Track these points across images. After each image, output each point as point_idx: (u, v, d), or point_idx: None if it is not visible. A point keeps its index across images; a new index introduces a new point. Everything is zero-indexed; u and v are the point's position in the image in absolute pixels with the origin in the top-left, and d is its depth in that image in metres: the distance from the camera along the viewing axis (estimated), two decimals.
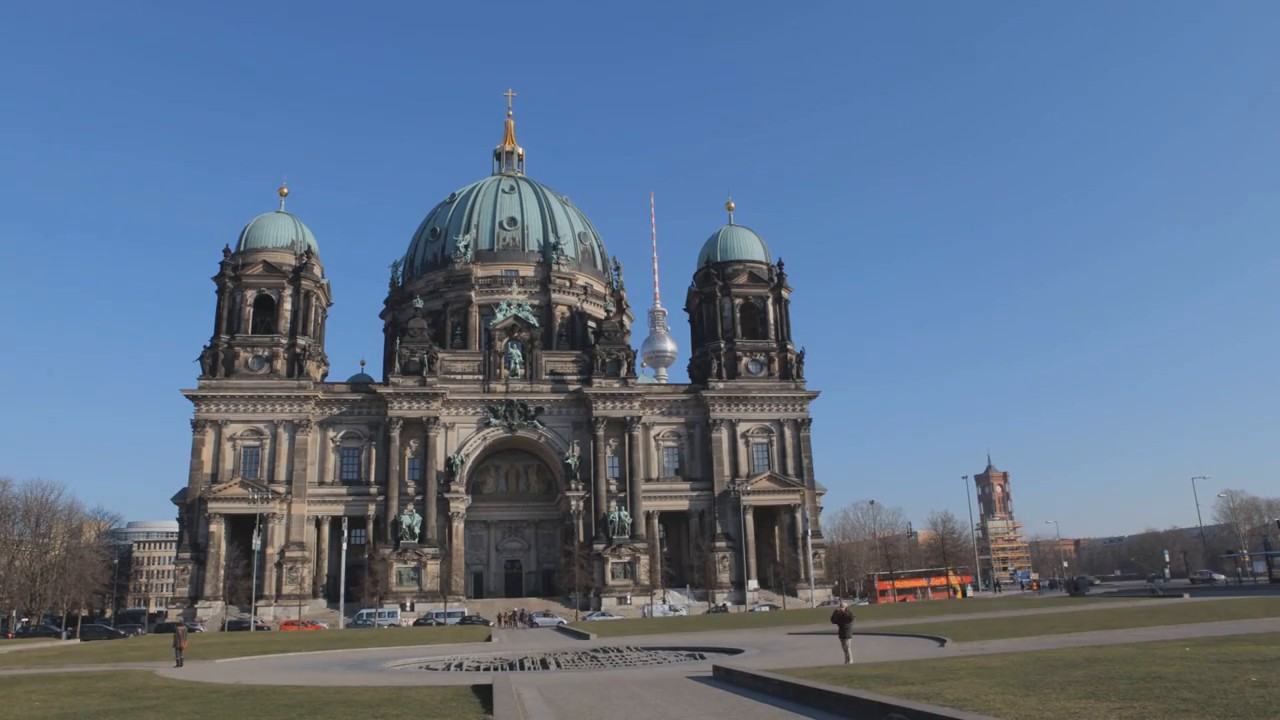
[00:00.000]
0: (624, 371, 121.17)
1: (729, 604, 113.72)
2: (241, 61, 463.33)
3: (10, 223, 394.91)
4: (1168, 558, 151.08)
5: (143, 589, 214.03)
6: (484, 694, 23.58)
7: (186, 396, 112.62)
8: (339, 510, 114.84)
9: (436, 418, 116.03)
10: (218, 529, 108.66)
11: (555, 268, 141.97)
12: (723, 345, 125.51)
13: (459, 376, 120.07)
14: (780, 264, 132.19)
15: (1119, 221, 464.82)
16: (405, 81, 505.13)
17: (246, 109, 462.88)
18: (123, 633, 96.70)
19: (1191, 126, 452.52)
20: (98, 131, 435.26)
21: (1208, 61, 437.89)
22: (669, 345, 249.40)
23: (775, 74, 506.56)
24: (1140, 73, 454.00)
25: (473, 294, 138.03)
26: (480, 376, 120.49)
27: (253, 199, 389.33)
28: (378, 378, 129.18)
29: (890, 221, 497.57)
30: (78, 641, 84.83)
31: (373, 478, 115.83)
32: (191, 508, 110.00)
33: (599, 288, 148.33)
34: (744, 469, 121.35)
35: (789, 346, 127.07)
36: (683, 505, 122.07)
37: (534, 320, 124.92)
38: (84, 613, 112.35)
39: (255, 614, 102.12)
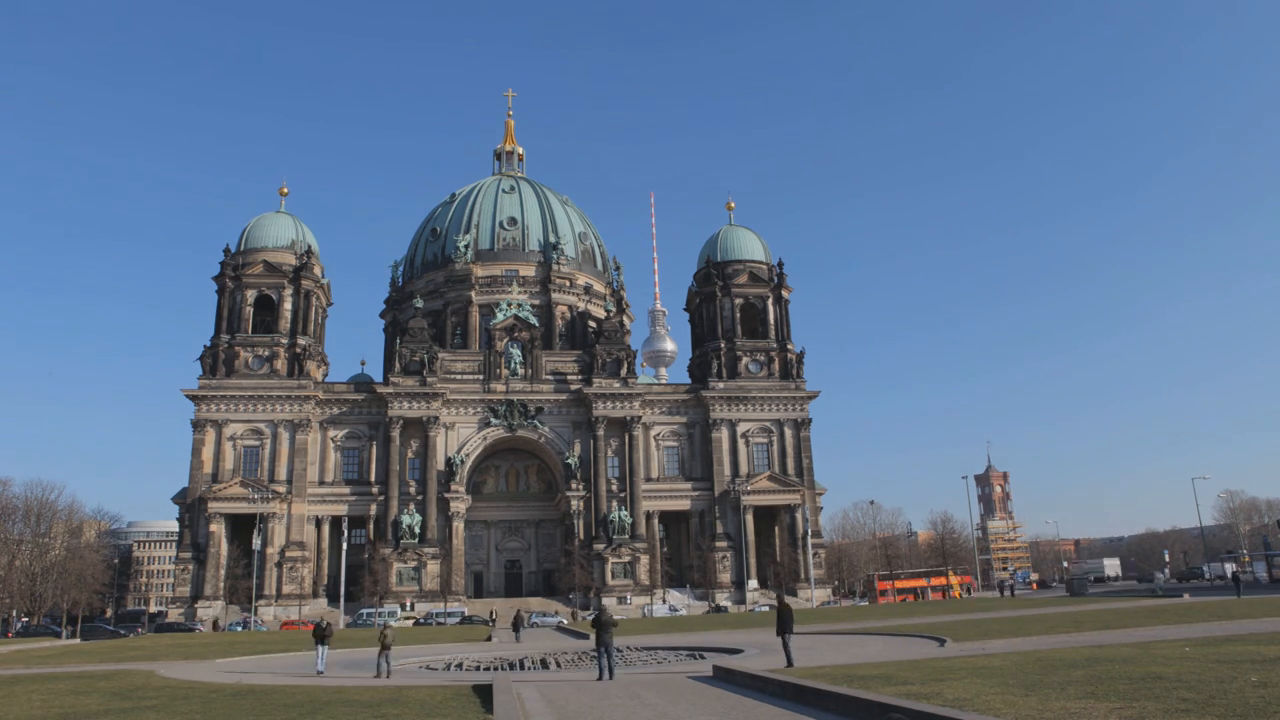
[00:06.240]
0: (624, 371, 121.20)
1: (729, 604, 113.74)
2: (241, 61, 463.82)
3: (10, 222, 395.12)
4: (1168, 557, 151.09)
5: (143, 589, 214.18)
6: (484, 694, 23.58)
7: (186, 396, 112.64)
8: (339, 510, 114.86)
9: (437, 417, 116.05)
10: (218, 529, 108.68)
11: (555, 268, 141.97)
12: (723, 345, 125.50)
13: (459, 376, 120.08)
14: (780, 264, 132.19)
15: (1120, 224, 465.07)
16: (405, 81, 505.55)
17: (247, 109, 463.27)
18: (123, 632, 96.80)
19: (1193, 135, 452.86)
20: (97, 131, 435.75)
21: (1213, 69, 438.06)
22: (669, 345, 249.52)
23: (776, 75, 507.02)
24: (1146, 84, 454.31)
25: (473, 294, 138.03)
26: (480, 376, 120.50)
27: (253, 199, 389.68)
28: (378, 378, 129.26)
29: (890, 222, 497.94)
30: (78, 641, 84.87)
31: (373, 477, 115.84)
32: (192, 507, 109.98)
33: (599, 288, 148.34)
34: (744, 469, 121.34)
35: (789, 346, 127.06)
36: (683, 505, 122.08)
37: (534, 320, 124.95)
38: (84, 612, 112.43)
39: (255, 614, 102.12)
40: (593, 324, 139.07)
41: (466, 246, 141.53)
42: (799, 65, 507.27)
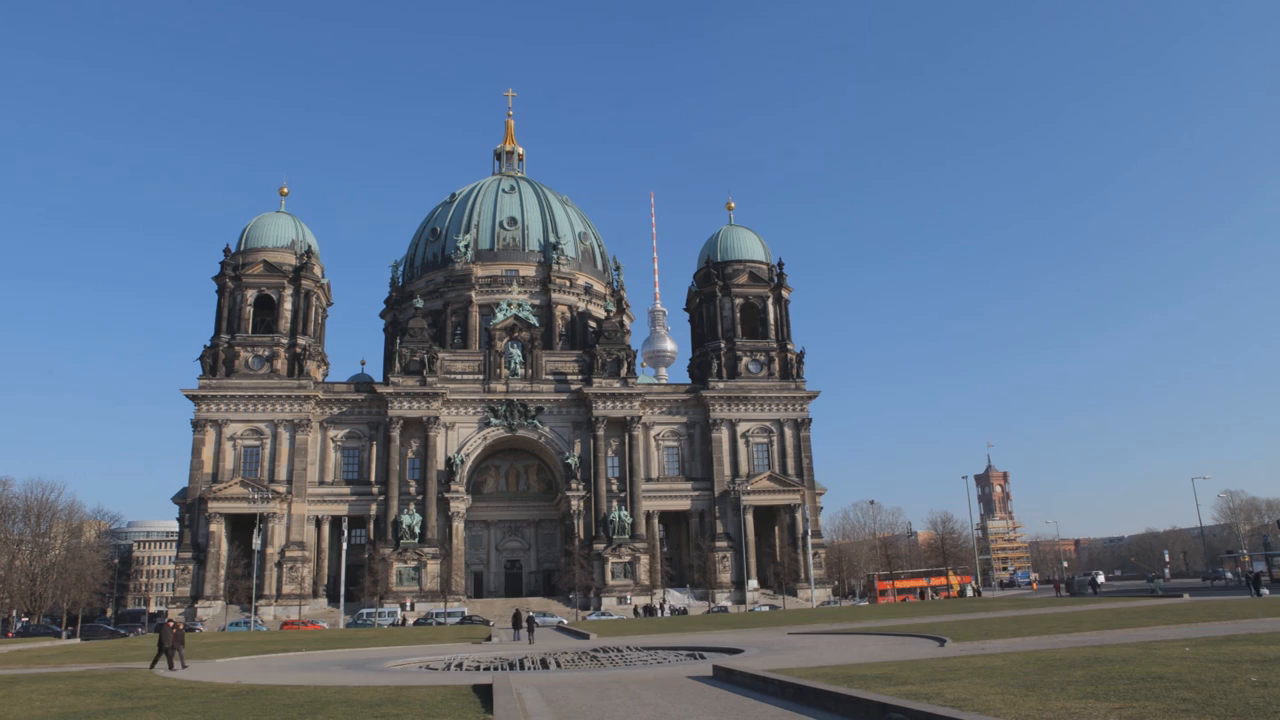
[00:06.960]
0: (624, 371, 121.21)
1: (729, 604, 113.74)
2: (242, 60, 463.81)
3: (11, 221, 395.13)
4: (1167, 558, 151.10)
5: (143, 589, 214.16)
6: (484, 694, 23.57)
7: (187, 396, 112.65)
8: (339, 510, 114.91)
9: (437, 417, 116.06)
10: (218, 529, 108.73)
11: (556, 268, 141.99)
12: (723, 345, 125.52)
13: (459, 376, 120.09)
14: (780, 264, 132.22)
15: (1120, 222, 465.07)
16: (406, 81, 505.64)
17: (247, 108, 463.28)
18: (123, 632, 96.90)
19: (1190, 129, 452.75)
20: (97, 130, 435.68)
21: (1212, 63, 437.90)
22: (669, 345, 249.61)
23: (776, 74, 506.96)
24: (1142, 74, 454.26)
25: (473, 294, 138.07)
26: (480, 376, 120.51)
27: (253, 199, 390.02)
28: (378, 377, 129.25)
29: (891, 221, 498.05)
30: (78, 641, 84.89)
31: (373, 477, 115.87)
32: (192, 507, 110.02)
33: (599, 288, 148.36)
34: (744, 469, 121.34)
35: (789, 346, 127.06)
36: (683, 505, 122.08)
37: (534, 320, 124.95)
38: (84, 612, 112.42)
39: (255, 614, 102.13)
40: (593, 324, 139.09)
41: (466, 246, 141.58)
42: (799, 65, 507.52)
